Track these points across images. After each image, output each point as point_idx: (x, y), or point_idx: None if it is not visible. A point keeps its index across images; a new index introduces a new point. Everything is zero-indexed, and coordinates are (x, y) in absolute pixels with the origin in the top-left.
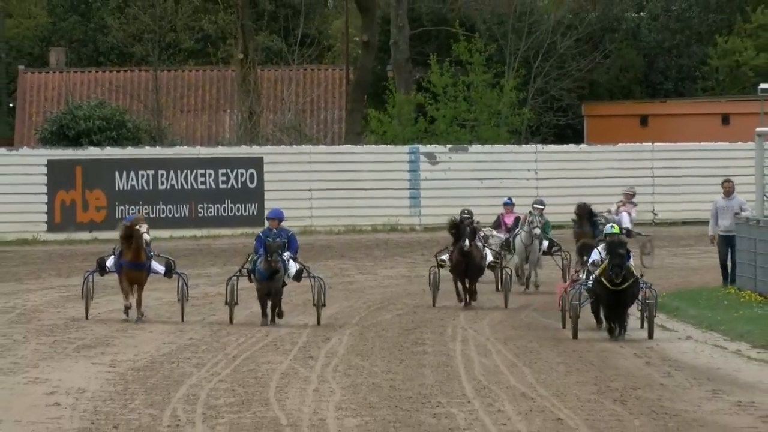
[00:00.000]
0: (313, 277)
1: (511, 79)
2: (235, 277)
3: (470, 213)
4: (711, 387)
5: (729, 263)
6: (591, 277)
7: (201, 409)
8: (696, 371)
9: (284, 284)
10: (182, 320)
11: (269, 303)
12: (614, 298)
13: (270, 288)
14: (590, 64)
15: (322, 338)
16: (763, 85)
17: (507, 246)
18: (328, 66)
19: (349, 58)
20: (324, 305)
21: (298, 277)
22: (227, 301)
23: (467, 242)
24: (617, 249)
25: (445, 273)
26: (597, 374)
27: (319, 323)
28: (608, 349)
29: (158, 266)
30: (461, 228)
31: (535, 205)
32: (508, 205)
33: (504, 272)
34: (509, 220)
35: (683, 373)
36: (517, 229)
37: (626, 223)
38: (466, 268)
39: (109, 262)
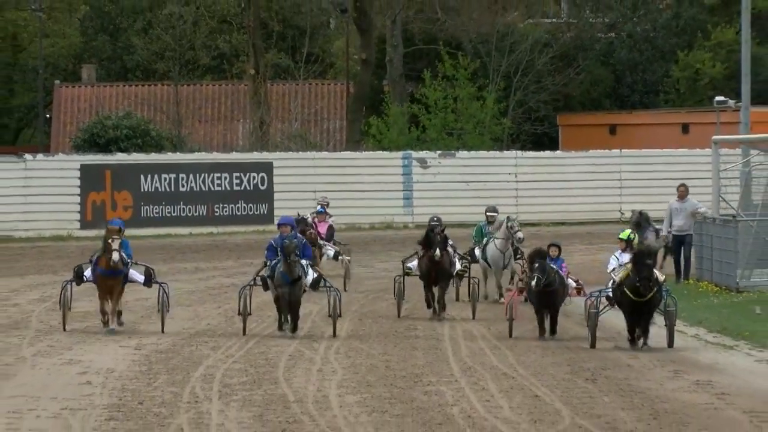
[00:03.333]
0: (330, 287)
1: (493, 92)
2: (248, 288)
3: (439, 220)
4: (673, 368)
5: (682, 260)
6: (611, 284)
7: (217, 386)
8: (659, 354)
9: (303, 291)
10: (162, 331)
11: (290, 309)
12: (639, 306)
13: (291, 293)
14: (564, 79)
15: (325, 323)
16: (719, 98)
17: (471, 255)
18: (330, 81)
19: (350, 73)
20: (340, 316)
21: (315, 285)
22: (240, 312)
23: (438, 251)
24: (645, 260)
25: (410, 280)
26: (571, 356)
27: (335, 335)
28: (581, 334)
29: (137, 275)
30: (432, 237)
31: (488, 213)
32: (322, 213)
33: (471, 282)
34: (322, 228)
35: (648, 356)
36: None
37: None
38: (436, 276)
39: (87, 271)
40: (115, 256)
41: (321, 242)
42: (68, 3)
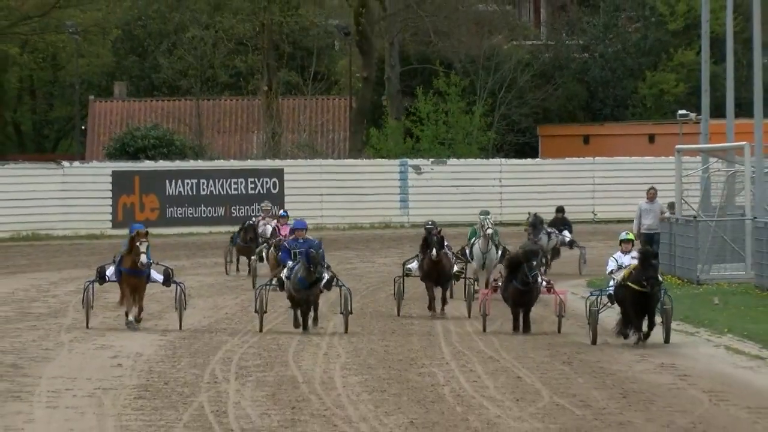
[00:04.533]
0: (341, 286)
1: (480, 106)
2: (266, 287)
3: (434, 223)
4: (640, 352)
5: None
6: (611, 284)
7: (234, 369)
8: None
9: (321, 291)
10: (180, 328)
11: (300, 311)
12: (643, 301)
13: (308, 296)
14: (544, 94)
15: (330, 313)
16: (681, 112)
17: (463, 255)
18: (335, 96)
19: (352, 90)
20: (351, 313)
21: (328, 285)
22: (256, 309)
23: (435, 252)
24: (651, 260)
25: (409, 282)
26: (549, 341)
27: (346, 330)
28: (557, 325)
29: (157, 275)
30: (429, 239)
31: (480, 215)
32: (284, 217)
33: (467, 282)
34: (285, 231)
35: (618, 341)
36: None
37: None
38: (438, 275)
39: (110, 271)
40: (143, 258)
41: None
42: (102, 27)
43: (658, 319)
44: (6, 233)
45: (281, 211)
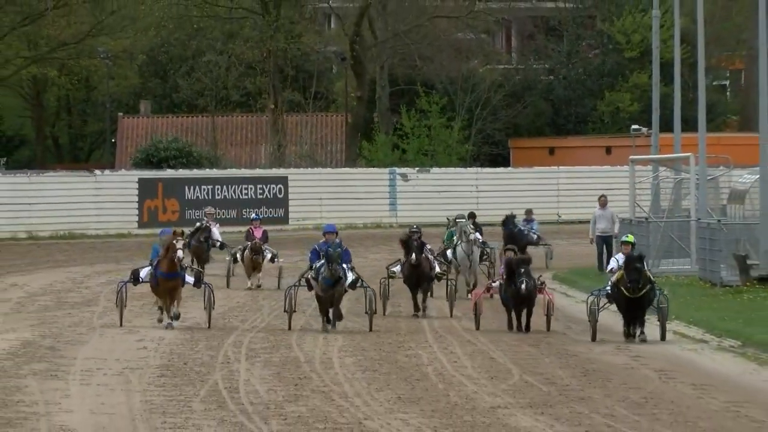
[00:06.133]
0: (366, 287)
1: (459, 122)
2: (294, 287)
3: (419, 229)
4: (599, 336)
5: (605, 256)
6: (609, 283)
7: (244, 351)
8: (587, 324)
9: (345, 290)
10: (209, 326)
11: (330, 310)
12: (632, 303)
13: (333, 293)
14: (514, 111)
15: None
16: (634, 127)
17: (444, 257)
18: (332, 113)
19: (347, 108)
20: (375, 312)
21: (353, 285)
22: (285, 309)
23: (414, 256)
24: (634, 264)
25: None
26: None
27: (371, 329)
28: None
29: (189, 277)
30: (410, 243)
31: (458, 220)
32: (256, 220)
33: (449, 283)
34: (258, 234)
35: (579, 326)
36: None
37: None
38: (417, 279)
39: (143, 272)
40: (180, 254)
41: (264, 247)
42: (129, 53)
43: (654, 319)
44: (46, 232)
45: (253, 215)
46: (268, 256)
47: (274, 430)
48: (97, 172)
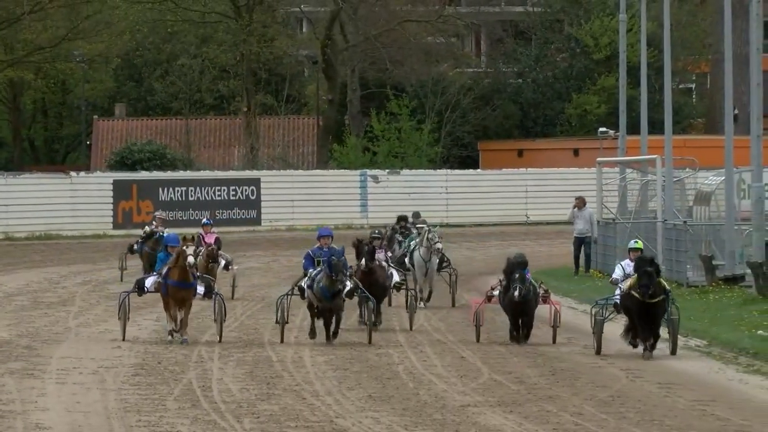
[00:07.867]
0: (366, 297)
1: (428, 124)
2: (287, 297)
3: (381, 234)
4: (567, 336)
5: (582, 256)
6: (618, 293)
7: (218, 350)
8: (581, 333)
9: (343, 300)
10: (219, 340)
11: (324, 320)
12: (645, 311)
13: (331, 307)
14: (483, 114)
15: (299, 301)
16: (602, 129)
17: (402, 264)
18: (304, 116)
19: (319, 110)
20: (375, 324)
21: (350, 294)
22: (277, 320)
23: (363, 261)
24: (645, 267)
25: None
26: (488, 327)
27: (370, 342)
28: (495, 308)
29: (199, 287)
30: (360, 247)
31: (418, 225)
32: (207, 225)
33: (409, 293)
34: (210, 239)
35: (546, 327)
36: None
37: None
38: (370, 287)
39: (149, 282)
40: (191, 259)
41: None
42: (105, 56)
43: (664, 331)
44: (22, 233)
45: (204, 219)
46: (222, 263)
47: (246, 429)
48: (73, 173)
